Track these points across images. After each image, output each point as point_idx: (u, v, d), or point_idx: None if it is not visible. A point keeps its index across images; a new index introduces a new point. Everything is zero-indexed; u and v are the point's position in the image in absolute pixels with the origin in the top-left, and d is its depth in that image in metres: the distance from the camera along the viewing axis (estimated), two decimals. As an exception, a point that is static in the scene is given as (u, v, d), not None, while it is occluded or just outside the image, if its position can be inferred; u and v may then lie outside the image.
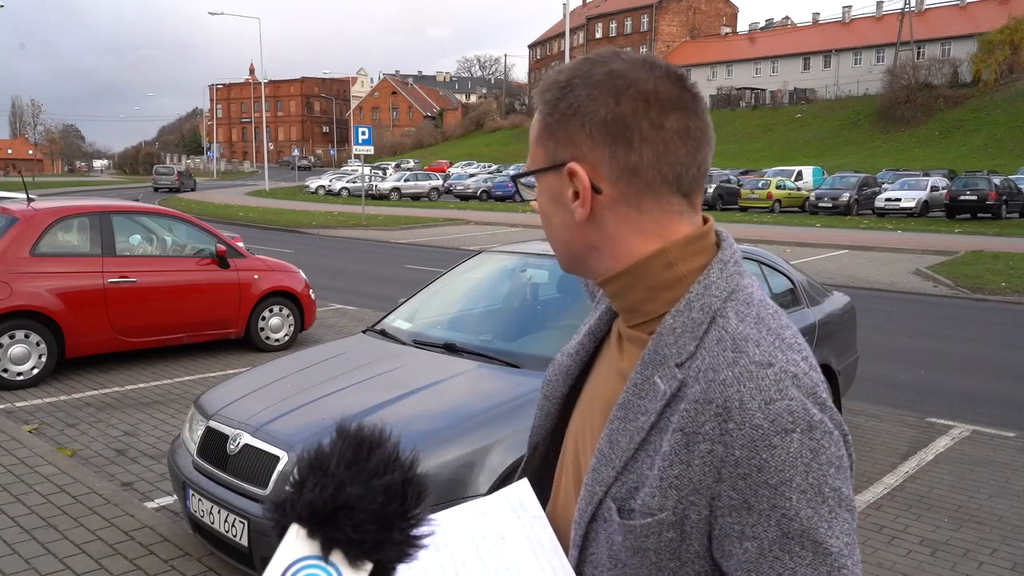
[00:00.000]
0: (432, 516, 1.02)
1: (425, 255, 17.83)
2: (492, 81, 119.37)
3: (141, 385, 7.00)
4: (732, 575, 0.91)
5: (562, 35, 67.07)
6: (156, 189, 50.27)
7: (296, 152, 78.93)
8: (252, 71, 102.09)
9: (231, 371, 7.20)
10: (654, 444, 0.94)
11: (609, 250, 1.02)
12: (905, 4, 58.91)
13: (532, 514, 1.08)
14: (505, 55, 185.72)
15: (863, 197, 29.58)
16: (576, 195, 0.99)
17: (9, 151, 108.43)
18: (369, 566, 1.01)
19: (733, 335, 0.94)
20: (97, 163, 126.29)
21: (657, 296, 1.01)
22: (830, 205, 29.54)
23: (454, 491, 3.04)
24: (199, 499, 3.47)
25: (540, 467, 1.24)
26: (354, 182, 43.35)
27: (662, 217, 1.01)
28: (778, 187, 32.12)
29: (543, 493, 1.19)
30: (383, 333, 4.56)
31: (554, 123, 1.00)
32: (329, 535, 1.00)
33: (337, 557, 1.01)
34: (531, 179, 1.06)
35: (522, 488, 1.08)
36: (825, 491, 0.88)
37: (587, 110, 0.98)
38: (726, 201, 32.68)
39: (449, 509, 1.10)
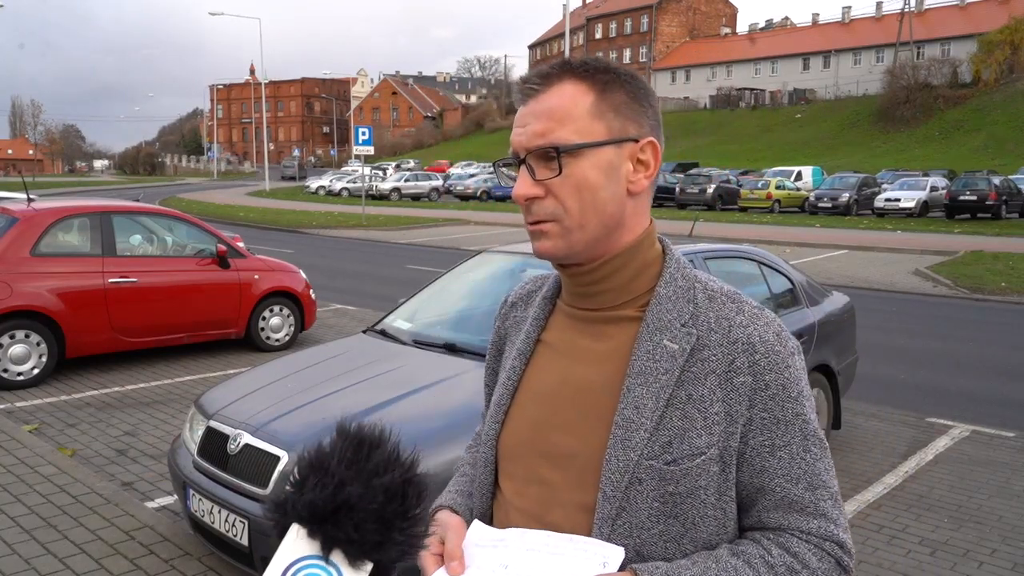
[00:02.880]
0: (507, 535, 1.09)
1: (425, 255, 17.83)
2: (492, 81, 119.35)
3: (141, 385, 7.00)
4: (768, 485, 1.10)
5: (562, 36, 67.04)
6: (283, 177, 63.66)
7: (297, 152, 78.95)
8: (252, 71, 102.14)
9: (231, 371, 7.20)
10: (680, 396, 1.08)
11: (630, 225, 1.15)
12: (905, 4, 58.90)
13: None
14: (505, 56, 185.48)
15: (863, 197, 29.55)
16: (638, 168, 1.14)
17: (9, 151, 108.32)
18: (369, 566, 1.02)
19: (722, 292, 1.16)
20: (97, 163, 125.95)
21: (645, 272, 1.17)
22: (830, 205, 29.51)
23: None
24: (199, 499, 3.47)
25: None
26: (354, 182, 43.32)
27: (649, 205, 1.19)
28: (778, 187, 32.09)
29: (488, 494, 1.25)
30: (383, 333, 4.56)
31: (619, 102, 1.12)
32: (329, 535, 1.01)
33: (337, 557, 1.01)
34: (507, 165, 1.17)
35: (614, 552, 1.07)
36: (810, 395, 1.13)
37: (647, 100, 1.15)
38: (726, 201, 32.65)
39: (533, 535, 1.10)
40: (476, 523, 1.14)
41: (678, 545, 1.09)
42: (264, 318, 8.34)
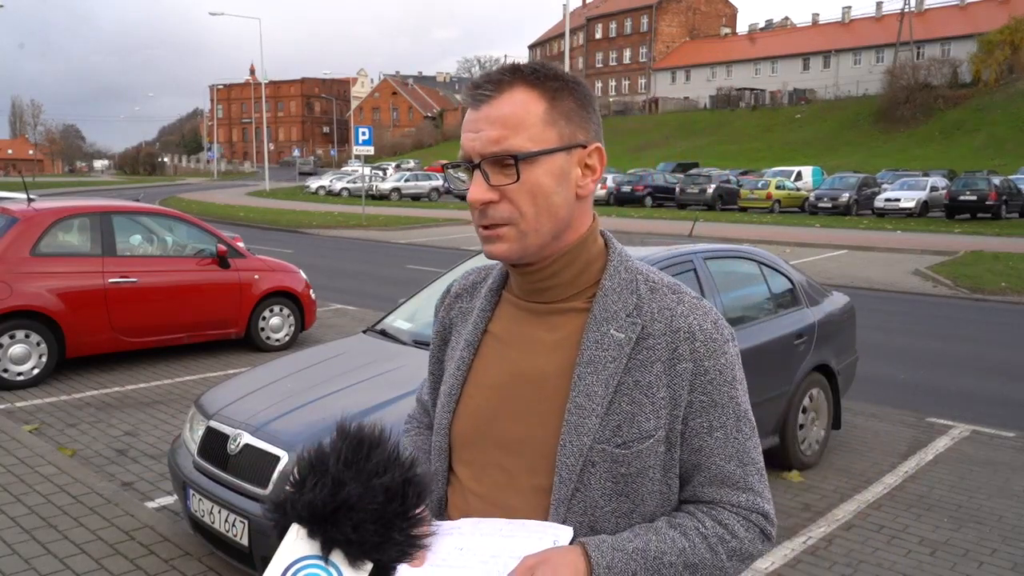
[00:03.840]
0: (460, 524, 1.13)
1: (425, 255, 17.83)
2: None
3: (142, 385, 7.00)
4: (705, 462, 1.19)
5: (562, 36, 67.03)
6: (300, 173, 66.61)
7: (297, 152, 79.25)
8: (252, 71, 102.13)
9: (231, 371, 7.20)
10: (627, 383, 1.15)
11: (576, 225, 1.20)
12: (905, 4, 58.89)
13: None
14: (505, 56, 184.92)
15: (862, 197, 29.56)
16: (585, 173, 1.18)
17: (9, 151, 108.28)
18: (369, 566, 1.02)
19: (663, 283, 1.22)
20: (98, 163, 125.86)
21: (591, 267, 1.22)
22: (830, 205, 29.52)
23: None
24: (199, 499, 3.47)
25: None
26: (354, 182, 43.32)
27: (592, 204, 1.24)
28: (778, 187, 32.09)
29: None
30: (383, 333, 4.56)
31: (568, 109, 1.16)
32: (329, 535, 1.01)
33: (337, 557, 1.01)
34: (456, 168, 1.22)
35: (564, 532, 1.12)
36: (743, 380, 1.22)
37: (592, 106, 1.19)
38: (726, 201, 32.65)
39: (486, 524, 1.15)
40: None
41: (628, 520, 1.17)
42: (264, 318, 8.34)
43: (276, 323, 8.43)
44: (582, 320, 1.20)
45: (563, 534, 1.11)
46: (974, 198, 26.46)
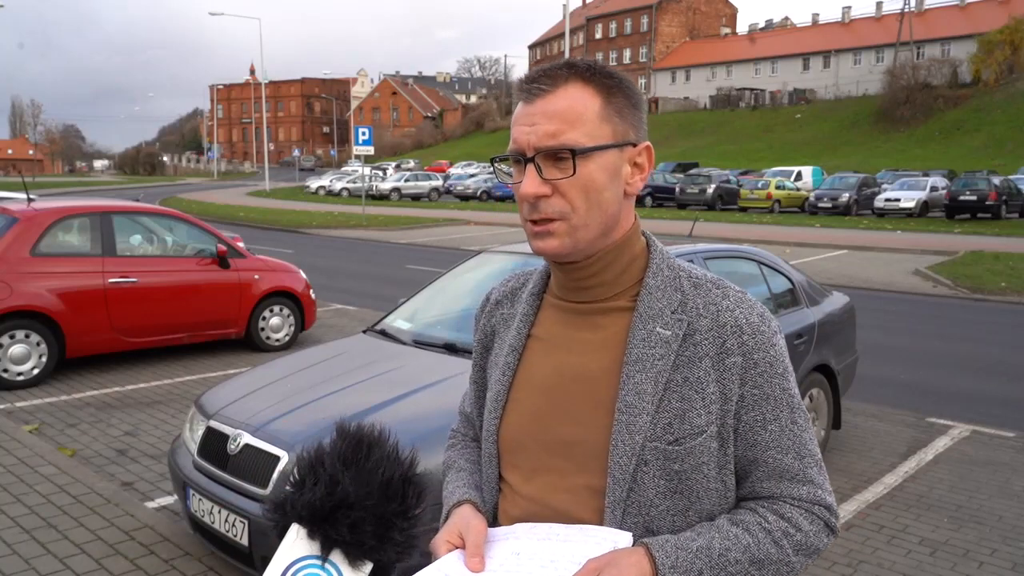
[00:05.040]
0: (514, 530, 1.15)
1: (425, 255, 17.83)
2: (492, 82, 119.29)
3: (142, 385, 7.00)
4: (761, 457, 1.17)
5: (562, 36, 67.01)
6: (301, 169, 70.54)
7: (297, 152, 79.37)
8: (252, 71, 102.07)
9: (231, 371, 7.20)
10: (676, 380, 1.14)
11: (621, 223, 1.20)
12: (905, 4, 58.88)
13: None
14: (505, 56, 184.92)
15: (862, 197, 29.56)
16: (634, 171, 1.19)
17: (9, 151, 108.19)
18: (369, 566, 1.02)
19: (706, 279, 1.21)
20: (98, 163, 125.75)
21: (633, 265, 1.22)
22: (829, 205, 29.52)
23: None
24: (199, 499, 3.47)
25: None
26: (354, 182, 43.34)
27: (634, 203, 1.24)
28: (777, 187, 32.08)
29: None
30: (383, 333, 4.56)
31: (621, 106, 1.17)
32: (329, 535, 1.01)
33: (337, 557, 1.01)
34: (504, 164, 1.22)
35: (623, 536, 1.12)
36: (793, 372, 1.20)
37: (642, 106, 1.20)
38: (726, 201, 32.65)
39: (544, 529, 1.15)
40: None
41: (684, 518, 1.15)
42: (264, 318, 8.34)
43: (276, 323, 8.43)
44: (626, 319, 1.20)
45: (622, 539, 1.10)
46: (974, 198, 26.45)
